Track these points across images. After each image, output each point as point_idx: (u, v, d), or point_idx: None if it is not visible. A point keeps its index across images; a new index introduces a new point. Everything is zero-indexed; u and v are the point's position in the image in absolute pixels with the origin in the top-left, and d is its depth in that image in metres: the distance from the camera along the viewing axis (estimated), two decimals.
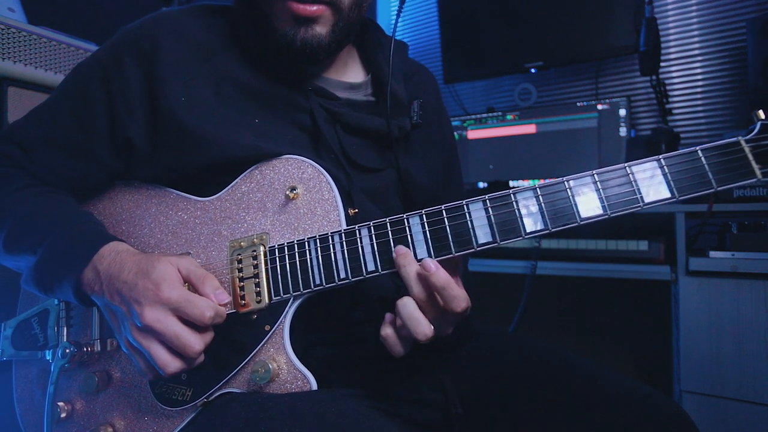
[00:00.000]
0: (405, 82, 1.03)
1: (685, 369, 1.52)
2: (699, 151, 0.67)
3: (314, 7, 0.84)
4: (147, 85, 0.87)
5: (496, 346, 1.01)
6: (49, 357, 0.88)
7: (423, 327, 0.70)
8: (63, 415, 0.85)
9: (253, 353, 0.76)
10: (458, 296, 0.70)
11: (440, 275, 0.69)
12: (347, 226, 0.77)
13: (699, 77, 2.17)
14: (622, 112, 2.08)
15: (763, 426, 1.38)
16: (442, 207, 0.73)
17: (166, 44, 0.87)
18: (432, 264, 0.70)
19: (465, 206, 0.72)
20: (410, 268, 0.71)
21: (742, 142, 0.66)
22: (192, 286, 0.76)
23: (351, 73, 1.01)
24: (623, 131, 2.07)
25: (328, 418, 0.65)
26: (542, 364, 0.94)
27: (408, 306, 0.70)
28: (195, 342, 0.71)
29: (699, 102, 2.17)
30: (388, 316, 0.75)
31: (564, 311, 2.36)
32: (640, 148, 1.96)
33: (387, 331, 0.74)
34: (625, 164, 0.69)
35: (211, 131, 0.84)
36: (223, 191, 0.85)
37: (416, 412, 0.88)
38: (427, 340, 0.70)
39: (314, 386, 0.73)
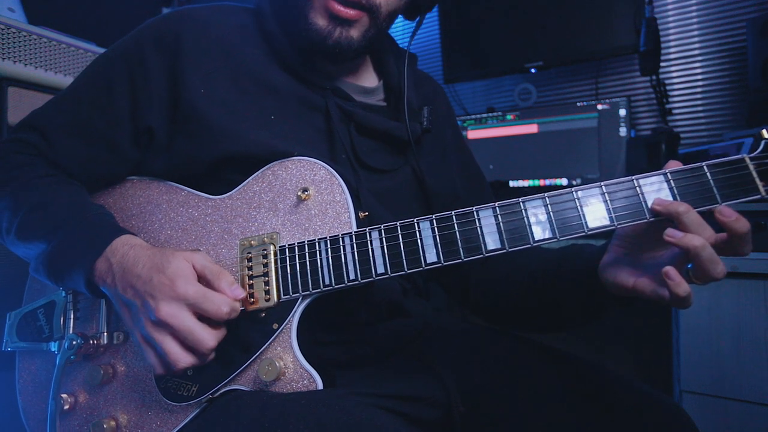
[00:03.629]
0: (415, 90, 1.05)
1: (685, 369, 1.52)
2: (705, 167, 0.68)
3: (353, 12, 0.86)
4: (169, 76, 0.88)
5: (498, 343, 1.01)
6: (54, 348, 0.88)
7: (722, 266, 0.66)
8: (66, 407, 0.85)
9: (260, 351, 0.76)
10: (750, 242, 0.68)
11: (744, 220, 0.66)
12: (358, 228, 0.77)
13: (699, 77, 2.17)
14: (622, 112, 2.08)
15: (763, 426, 1.39)
16: (452, 212, 0.74)
17: (188, 38, 0.89)
18: (731, 211, 0.67)
19: (475, 212, 0.73)
20: (692, 214, 0.67)
21: (747, 160, 0.68)
22: (206, 282, 0.76)
23: (365, 77, 1.04)
24: (623, 131, 2.08)
25: (331, 417, 0.66)
26: (543, 362, 0.95)
27: (707, 249, 0.65)
28: (209, 338, 0.72)
29: (699, 102, 2.17)
30: (674, 274, 0.67)
31: None
32: (640, 148, 1.96)
33: (686, 290, 0.67)
34: (633, 177, 0.70)
35: (227, 124, 0.86)
36: (234, 190, 0.86)
37: (419, 410, 0.89)
38: (722, 277, 0.67)
39: (320, 386, 0.74)
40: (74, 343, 0.82)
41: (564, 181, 2.16)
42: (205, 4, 0.98)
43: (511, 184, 2.28)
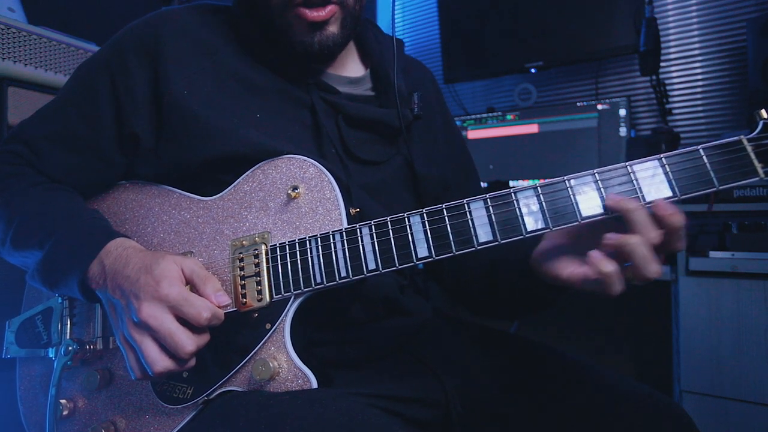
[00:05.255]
0: (404, 76, 1.05)
1: (685, 369, 1.52)
2: (701, 150, 0.66)
3: (325, 10, 0.87)
4: (151, 80, 0.88)
5: (496, 344, 1.01)
6: (52, 355, 0.88)
7: (656, 266, 0.65)
8: (65, 412, 0.85)
9: (253, 352, 0.76)
10: (683, 237, 0.67)
11: (679, 215, 0.65)
12: (348, 225, 0.77)
13: (699, 77, 2.17)
14: (622, 112, 2.08)
15: (763, 426, 1.38)
16: (443, 206, 0.73)
17: (169, 40, 0.89)
18: (669, 205, 0.65)
19: (466, 205, 0.72)
20: (641, 212, 0.66)
21: (744, 141, 0.65)
22: (194, 287, 0.75)
23: (350, 68, 1.03)
24: (623, 131, 2.07)
25: (327, 416, 0.65)
26: (541, 363, 0.95)
27: (642, 246, 0.65)
28: (188, 342, 0.71)
29: (699, 102, 2.17)
30: (597, 254, 0.68)
31: (564, 311, 2.36)
32: (640, 148, 1.96)
33: (611, 267, 0.67)
34: (627, 163, 0.68)
35: (214, 123, 0.86)
36: (225, 191, 0.85)
37: (417, 410, 0.88)
38: (657, 277, 0.66)
39: (314, 385, 0.73)
40: (70, 348, 0.82)
41: None
42: (190, 3, 0.98)
43: (512, 184, 2.28)
